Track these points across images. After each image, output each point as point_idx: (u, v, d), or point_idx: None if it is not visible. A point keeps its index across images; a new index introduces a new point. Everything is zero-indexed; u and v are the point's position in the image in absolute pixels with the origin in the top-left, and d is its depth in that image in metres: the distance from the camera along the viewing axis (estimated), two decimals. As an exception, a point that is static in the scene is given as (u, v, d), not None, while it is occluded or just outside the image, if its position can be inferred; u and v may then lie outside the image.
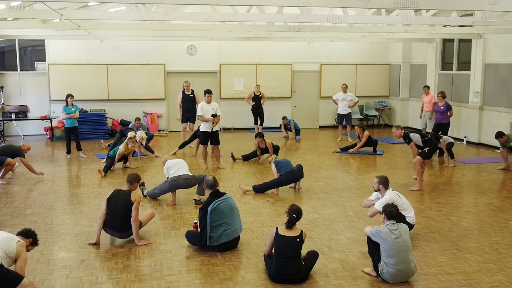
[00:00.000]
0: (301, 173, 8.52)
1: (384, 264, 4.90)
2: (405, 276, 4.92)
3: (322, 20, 9.26)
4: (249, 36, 13.05)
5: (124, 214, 5.94)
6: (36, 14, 8.76)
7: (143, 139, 11.24)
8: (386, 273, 4.88)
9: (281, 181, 8.34)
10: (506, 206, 7.65)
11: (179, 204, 7.64)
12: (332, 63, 16.51)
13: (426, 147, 8.53)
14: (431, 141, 8.63)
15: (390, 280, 4.89)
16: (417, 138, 8.60)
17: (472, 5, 7.64)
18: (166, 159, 8.18)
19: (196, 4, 7.77)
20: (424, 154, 8.55)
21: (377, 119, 17.06)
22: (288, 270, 4.89)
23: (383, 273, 4.91)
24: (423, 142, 8.56)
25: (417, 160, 8.50)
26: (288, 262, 4.89)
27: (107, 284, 4.94)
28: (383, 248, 4.92)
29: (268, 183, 8.37)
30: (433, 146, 8.61)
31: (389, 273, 4.86)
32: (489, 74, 12.72)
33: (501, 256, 5.64)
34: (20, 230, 4.94)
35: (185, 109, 12.40)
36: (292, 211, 5.06)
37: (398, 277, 4.88)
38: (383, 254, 4.92)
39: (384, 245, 4.90)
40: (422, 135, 8.75)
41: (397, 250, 4.85)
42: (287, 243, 4.94)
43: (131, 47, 15.10)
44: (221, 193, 5.92)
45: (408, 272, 4.92)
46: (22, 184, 9.11)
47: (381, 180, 6.09)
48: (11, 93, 14.91)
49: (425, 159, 8.64)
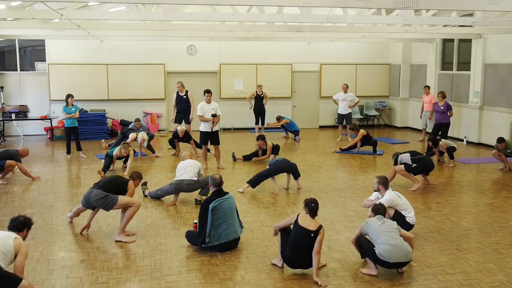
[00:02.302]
0: (289, 165, 8.52)
1: (377, 245, 5.05)
2: (402, 253, 5.00)
3: (322, 20, 9.27)
4: (249, 36, 13.05)
5: (112, 179, 6.39)
6: (36, 14, 8.76)
7: (145, 140, 11.28)
8: (383, 251, 4.99)
9: (270, 171, 8.42)
10: (506, 206, 7.65)
11: (179, 204, 7.64)
12: (332, 63, 16.51)
13: (414, 163, 8.43)
14: (420, 162, 8.47)
15: (390, 259, 4.97)
16: (406, 158, 8.53)
17: (472, 5, 7.64)
18: (184, 157, 8.24)
19: (196, 4, 7.77)
20: (409, 168, 8.40)
21: (377, 119, 17.06)
22: (301, 257, 5.03)
23: (381, 254, 5.00)
24: (412, 160, 8.46)
25: (399, 167, 8.44)
26: (301, 251, 5.00)
27: (107, 284, 4.94)
28: (371, 233, 5.17)
29: (259, 174, 8.48)
30: (420, 167, 8.46)
31: (385, 250, 4.98)
32: (489, 74, 12.72)
33: (501, 256, 5.64)
34: (9, 224, 4.75)
35: (179, 111, 12.27)
36: (309, 202, 5.14)
37: (395, 253, 4.98)
38: (373, 238, 5.15)
39: (371, 230, 5.18)
40: (414, 154, 8.61)
41: (383, 230, 5.12)
42: (302, 235, 4.99)
43: (131, 47, 15.10)
44: (224, 192, 5.92)
45: (403, 248, 5.03)
46: (22, 184, 9.11)
47: (380, 180, 6.10)
48: (11, 93, 14.91)
49: (407, 171, 8.49)
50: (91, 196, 6.14)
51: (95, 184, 6.36)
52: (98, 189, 6.17)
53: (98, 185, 6.27)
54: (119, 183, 6.36)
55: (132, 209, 6.15)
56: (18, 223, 4.78)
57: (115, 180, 6.41)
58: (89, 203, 6.21)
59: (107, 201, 6.06)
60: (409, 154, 8.59)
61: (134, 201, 6.23)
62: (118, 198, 6.09)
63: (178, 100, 12.25)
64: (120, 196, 6.14)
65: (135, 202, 6.21)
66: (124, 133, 11.95)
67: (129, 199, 6.19)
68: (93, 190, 6.17)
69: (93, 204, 6.18)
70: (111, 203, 6.07)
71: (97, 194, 6.09)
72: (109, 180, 6.36)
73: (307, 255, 4.98)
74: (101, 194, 6.08)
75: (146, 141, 11.38)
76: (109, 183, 6.27)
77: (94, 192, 6.14)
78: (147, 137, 11.45)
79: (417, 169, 8.47)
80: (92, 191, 6.19)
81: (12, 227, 4.76)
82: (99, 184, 6.29)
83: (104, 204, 6.10)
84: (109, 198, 6.07)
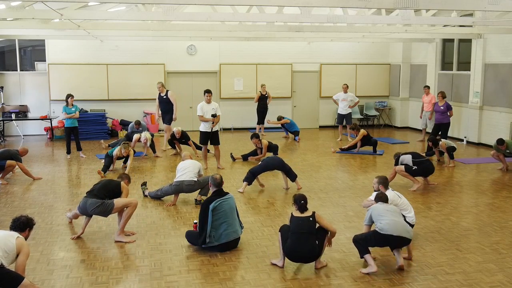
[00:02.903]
0: (281, 162, 8.52)
1: (380, 223, 5.22)
2: (403, 229, 5.20)
3: (322, 20, 9.26)
4: (249, 36, 13.05)
5: (105, 184, 6.35)
6: (36, 14, 8.75)
7: (148, 139, 11.31)
8: (385, 225, 5.16)
9: (261, 166, 8.46)
10: (506, 206, 7.65)
11: (179, 204, 7.64)
12: (332, 63, 16.51)
13: (415, 166, 8.42)
14: (421, 165, 8.45)
15: (394, 232, 5.12)
16: (407, 159, 8.51)
17: (472, 5, 7.64)
18: (184, 157, 8.25)
19: (196, 4, 7.77)
20: (410, 169, 8.38)
21: (377, 119, 17.06)
22: (302, 246, 5.09)
23: (383, 229, 5.15)
24: (413, 163, 8.43)
25: (399, 168, 8.44)
26: (302, 238, 5.10)
27: (107, 284, 4.94)
28: (375, 215, 5.36)
29: (251, 170, 8.48)
30: (420, 171, 8.46)
31: (387, 224, 5.17)
32: (489, 74, 12.72)
33: (501, 256, 5.64)
34: (11, 224, 4.79)
35: (161, 111, 12.20)
36: (298, 199, 5.31)
37: (398, 227, 5.17)
38: (376, 219, 5.32)
39: (375, 212, 5.38)
40: (415, 156, 8.58)
41: (386, 209, 5.37)
42: (301, 222, 5.20)
43: (131, 47, 15.10)
44: (224, 192, 5.92)
45: (405, 225, 5.32)
46: (22, 184, 9.11)
47: (380, 180, 6.11)
48: (11, 93, 14.91)
49: (407, 172, 8.47)
50: (87, 206, 6.11)
51: (88, 193, 6.28)
52: (92, 197, 6.12)
53: (92, 193, 6.20)
54: (112, 187, 6.33)
55: (130, 209, 6.14)
56: (20, 223, 4.79)
57: (108, 185, 6.37)
58: (86, 212, 6.19)
59: (104, 208, 6.05)
60: (411, 156, 8.54)
61: (131, 201, 6.21)
62: (114, 203, 6.07)
63: (159, 100, 12.12)
64: (115, 200, 6.13)
65: (132, 202, 6.19)
66: (129, 136, 12.01)
67: (125, 201, 6.17)
68: (88, 200, 6.12)
69: (90, 213, 6.17)
70: (108, 208, 6.06)
71: (93, 204, 6.06)
72: (102, 186, 6.30)
73: (308, 242, 5.09)
74: (97, 202, 6.05)
75: (149, 140, 11.42)
76: (103, 190, 6.23)
77: (89, 201, 6.10)
78: (150, 136, 11.48)
79: (417, 172, 8.46)
80: (87, 200, 6.13)
81: (14, 227, 4.77)
82: (93, 192, 6.21)
83: (102, 212, 6.09)
84: (105, 204, 6.05)
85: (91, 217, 6.32)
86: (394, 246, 5.24)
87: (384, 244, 5.25)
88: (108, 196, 6.17)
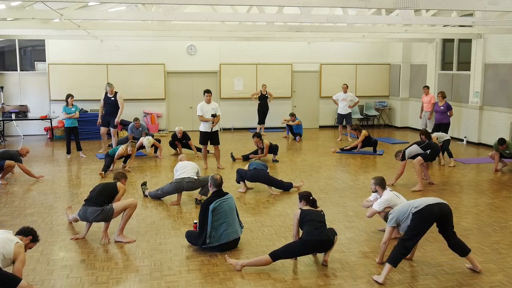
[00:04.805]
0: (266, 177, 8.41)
1: (413, 208, 5.06)
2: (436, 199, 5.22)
3: (322, 20, 9.26)
4: (249, 36, 13.05)
5: (101, 189, 6.27)
6: (36, 14, 8.75)
7: (148, 146, 11.25)
8: (419, 202, 5.09)
9: (247, 175, 8.42)
10: (506, 206, 7.65)
11: (179, 204, 7.64)
12: (332, 63, 16.51)
13: (427, 150, 8.59)
14: (430, 145, 8.73)
15: (430, 201, 5.09)
16: (415, 149, 8.65)
17: (472, 5, 7.63)
18: (181, 158, 8.28)
19: (196, 4, 7.77)
20: (426, 156, 8.60)
21: (377, 119, 17.06)
22: (322, 231, 5.25)
23: (420, 205, 5.04)
24: (422, 148, 8.62)
25: (418, 160, 8.53)
26: (321, 225, 5.30)
27: (107, 284, 4.94)
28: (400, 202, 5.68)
29: (239, 171, 8.53)
30: (433, 148, 8.69)
31: (420, 200, 5.18)
32: (489, 74, 12.72)
33: (501, 256, 5.64)
34: (19, 229, 4.93)
35: (105, 113, 11.79)
36: (307, 195, 5.53)
37: (429, 199, 5.20)
38: (405, 208, 5.19)
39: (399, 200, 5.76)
40: (420, 143, 8.79)
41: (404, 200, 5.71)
42: (315, 213, 5.41)
43: (131, 47, 15.10)
44: (224, 192, 5.92)
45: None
46: (22, 184, 9.11)
47: (377, 181, 6.09)
48: (11, 93, 14.91)
49: (427, 161, 8.74)
50: (87, 215, 6.10)
51: (86, 201, 6.22)
52: (91, 205, 6.09)
53: (91, 201, 6.15)
54: (109, 190, 6.30)
55: (129, 209, 6.15)
56: (26, 228, 4.91)
57: (105, 189, 6.30)
58: (88, 220, 6.19)
59: (104, 214, 6.02)
60: (416, 144, 8.74)
61: (130, 202, 6.19)
62: (113, 207, 6.07)
63: (105, 101, 11.79)
64: (114, 204, 6.12)
65: (131, 203, 6.18)
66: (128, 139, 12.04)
67: (124, 203, 6.16)
68: (88, 208, 6.10)
69: (92, 221, 6.17)
70: (109, 214, 6.03)
71: (93, 212, 6.05)
72: (99, 192, 6.23)
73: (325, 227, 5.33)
74: (97, 211, 6.03)
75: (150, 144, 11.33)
76: (100, 196, 6.18)
77: (89, 210, 6.08)
78: (152, 139, 11.38)
79: (432, 155, 8.67)
80: (86, 209, 6.11)
81: (19, 231, 4.85)
82: (91, 200, 6.16)
83: (103, 219, 6.07)
84: (105, 211, 6.03)
85: (91, 224, 6.31)
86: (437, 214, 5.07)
87: (427, 217, 5.03)
88: (107, 201, 6.16)
